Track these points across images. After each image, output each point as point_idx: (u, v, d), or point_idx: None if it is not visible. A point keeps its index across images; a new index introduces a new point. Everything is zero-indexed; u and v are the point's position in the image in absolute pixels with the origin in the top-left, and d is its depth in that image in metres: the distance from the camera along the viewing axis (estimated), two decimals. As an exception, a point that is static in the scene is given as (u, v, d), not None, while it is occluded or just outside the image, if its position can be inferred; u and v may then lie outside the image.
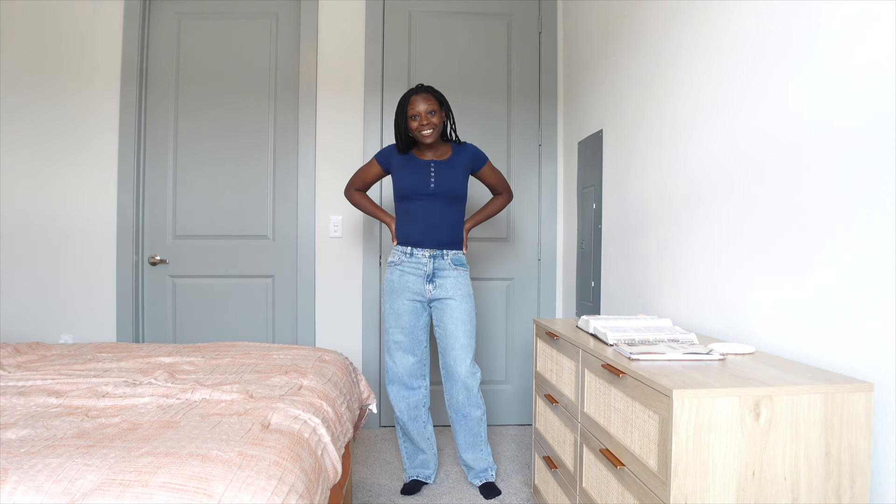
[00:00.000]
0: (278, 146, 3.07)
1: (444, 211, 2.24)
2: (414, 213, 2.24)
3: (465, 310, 2.24)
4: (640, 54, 2.11)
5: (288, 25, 3.08)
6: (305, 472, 1.15)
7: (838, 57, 1.19)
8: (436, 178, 2.22)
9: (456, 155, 2.28)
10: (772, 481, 1.06)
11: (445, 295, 2.24)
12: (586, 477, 1.52)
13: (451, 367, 2.25)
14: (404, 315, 2.25)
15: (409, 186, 2.22)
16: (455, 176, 2.24)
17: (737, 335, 1.55)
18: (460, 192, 2.26)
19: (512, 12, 3.12)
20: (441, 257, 2.24)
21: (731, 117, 1.56)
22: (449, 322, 2.24)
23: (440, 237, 2.24)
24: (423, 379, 2.31)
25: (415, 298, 2.25)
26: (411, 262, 2.24)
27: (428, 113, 2.16)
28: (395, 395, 2.30)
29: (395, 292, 2.25)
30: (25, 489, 0.96)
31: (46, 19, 2.96)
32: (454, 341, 2.23)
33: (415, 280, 2.24)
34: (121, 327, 2.97)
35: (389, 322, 2.27)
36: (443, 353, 2.28)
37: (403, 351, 2.26)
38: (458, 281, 2.25)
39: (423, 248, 2.23)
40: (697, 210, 1.74)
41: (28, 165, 2.96)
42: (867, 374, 1.13)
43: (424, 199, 2.22)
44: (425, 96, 2.17)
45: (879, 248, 1.09)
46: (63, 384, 1.59)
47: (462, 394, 2.25)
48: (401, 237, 2.28)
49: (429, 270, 2.23)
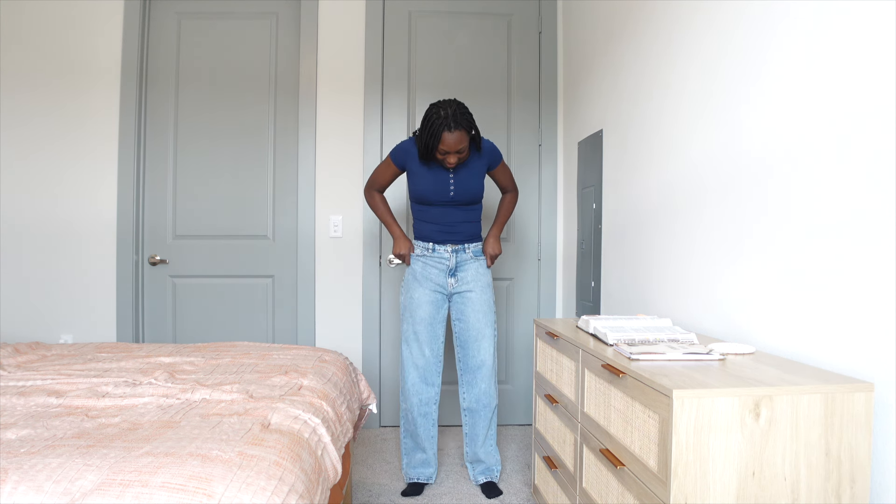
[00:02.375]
0: (278, 146, 3.07)
1: (464, 214, 2.27)
2: (433, 216, 2.26)
3: (484, 300, 2.27)
4: (641, 54, 2.11)
5: (288, 25, 3.08)
6: (305, 472, 1.15)
7: (844, 52, 1.19)
8: (455, 186, 2.22)
9: (473, 156, 2.26)
10: (772, 481, 1.06)
11: (466, 288, 2.27)
12: (586, 477, 1.52)
13: (474, 358, 2.27)
14: (424, 305, 2.25)
15: (427, 193, 2.22)
16: (474, 182, 2.24)
17: (737, 335, 1.54)
18: (478, 194, 2.27)
19: (512, 12, 3.12)
20: (463, 251, 2.28)
21: (730, 117, 1.56)
22: (471, 314, 2.26)
23: (460, 236, 2.27)
24: (437, 376, 2.31)
25: (436, 290, 2.27)
26: (434, 256, 2.26)
27: (457, 151, 2.10)
28: (410, 387, 2.27)
29: (418, 282, 2.26)
30: (25, 489, 0.96)
31: (46, 19, 2.96)
32: (477, 332, 2.26)
33: (437, 273, 2.26)
34: (121, 327, 2.97)
35: (409, 312, 2.27)
36: (463, 346, 2.29)
37: (420, 343, 2.26)
38: (478, 272, 2.28)
39: (445, 244, 2.26)
40: (698, 210, 1.74)
41: (28, 165, 2.95)
42: (867, 374, 1.13)
43: (443, 206, 2.24)
44: (459, 136, 2.06)
45: (879, 247, 1.09)
46: (63, 384, 1.58)
47: (485, 382, 2.27)
48: (420, 235, 2.29)
49: (452, 265, 2.26)
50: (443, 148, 2.09)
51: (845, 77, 1.17)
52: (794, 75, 1.32)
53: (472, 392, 2.30)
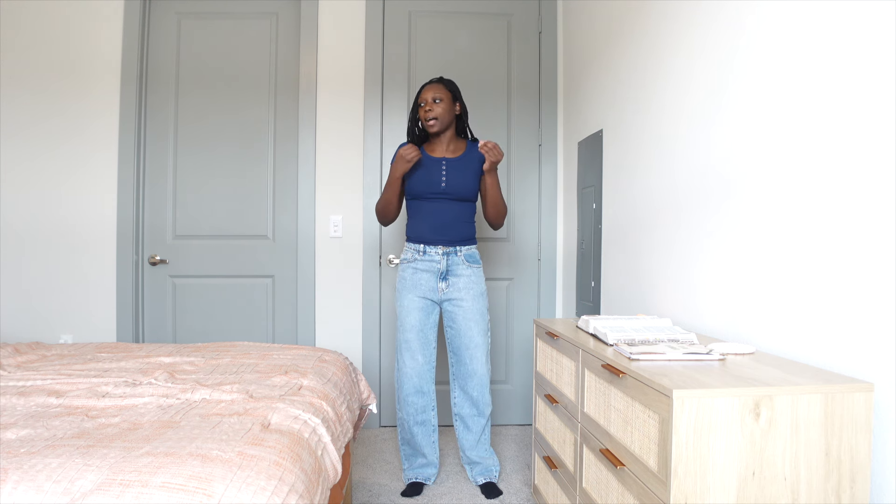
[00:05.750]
0: (278, 146, 3.07)
1: (456, 210, 2.24)
2: (425, 212, 2.24)
3: (476, 309, 2.24)
4: (641, 54, 2.11)
5: (288, 25, 3.08)
6: (305, 472, 1.15)
7: (845, 50, 1.19)
8: (447, 177, 2.21)
9: (469, 152, 2.27)
10: (772, 481, 1.06)
11: (457, 295, 2.24)
12: (586, 477, 1.52)
13: (466, 366, 2.26)
14: (413, 312, 2.24)
15: (420, 186, 2.22)
16: (466, 175, 2.23)
17: (737, 335, 1.54)
18: (472, 191, 2.25)
19: (512, 12, 3.12)
20: (454, 254, 2.24)
21: (731, 117, 1.56)
22: (462, 323, 2.24)
23: (452, 235, 2.24)
24: (430, 382, 2.30)
25: (425, 296, 2.25)
26: (424, 259, 2.24)
27: (433, 100, 2.19)
28: (404, 397, 2.28)
29: (407, 290, 2.25)
30: (25, 489, 0.96)
31: (47, 19, 2.96)
32: (468, 340, 2.24)
33: (427, 277, 2.24)
34: (121, 327, 2.97)
35: (400, 320, 2.27)
36: (456, 353, 2.29)
37: (412, 352, 2.25)
38: (470, 280, 2.25)
39: (436, 246, 2.23)
40: (698, 210, 1.74)
41: (28, 165, 2.95)
42: (867, 374, 1.13)
43: (435, 199, 2.22)
44: (436, 85, 2.21)
45: (880, 247, 1.09)
46: (63, 384, 1.58)
47: (477, 391, 2.26)
48: (412, 235, 2.28)
49: (442, 268, 2.24)
50: (420, 100, 2.21)
51: (847, 71, 1.17)
52: (796, 66, 1.32)
53: (464, 399, 2.30)
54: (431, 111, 2.18)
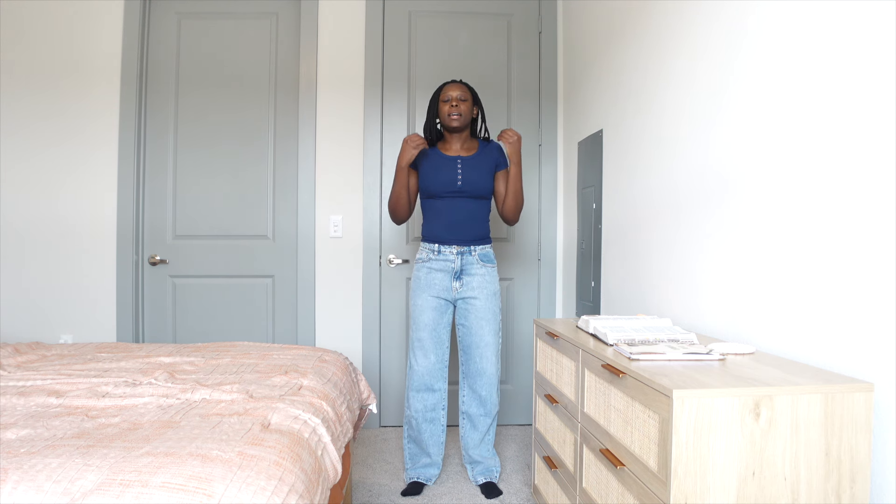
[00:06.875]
0: (278, 146, 3.07)
1: (471, 208, 2.26)
2: (440, 211, 2.26)
3: (489, 308, 2.26)
4: (641, 54, 2.11)
5: (288, 25, 3.07)
6: (305, 472, 1.15)
7: (845, 51, 1.19)
8: (463, 175, 2.23)
9: (482, 151, 2.31)
10: (772, 481, 1.06)
11: (471, 294, 2.26)
12: (586, 477, 1.52)
13: (476, 365, 2.27)
14: (427, 311, 2.26)
15: (436, 184, 2.24)
16: (482, 172, 2.26)
17: (737, 335, 1.54)
18: (487, 188, 2.27)
19: (512, 12, 3.12)
20: (469, 253, 2.26)
21: (731, 117, 1.56)
22: (474, 321, 2.26)
23: (466, 234, 2.26)
24: (443, 381, 2.31)
25: (439, 296, 2.26)
26: (439, 259, 2.26)
27: (459, 98, 2.23)
28: (414, 394, 2.29)
29: (421, 289, 2.27)
30: (25, 489, 0.96)
31: (47, 19, 2.96)
32: (479, 339, 2.26)
33: (441, 277, 2.26)
34: (121, 327, 2.97)
35: (413, 319, 2.28)
36: (466, 352, 2.30)
37: (425, 350, 2.26)
38: (484, 279, 2.27)
39: (451, 245, 2.25)
40: (697, 210, 1.74)
41: (28, 165, 2.95)
42: (867, 374, 1.13)
43: (451, 197, 2.24)
44: (460, 85, 2.26)
45: (879, 247, 1.09)
46: (63, 384, 1.58)
47: (485, 390, 2.28)
48: (427, 234, 2.29)
49: (457, 267, 2.25)
50: (444, 97, 2.25)
51: (848, 70, 1.17)
52: (797, 65, 1.32)
53: (472, 398, 2.31)
54: (457, 107, 2.23)
